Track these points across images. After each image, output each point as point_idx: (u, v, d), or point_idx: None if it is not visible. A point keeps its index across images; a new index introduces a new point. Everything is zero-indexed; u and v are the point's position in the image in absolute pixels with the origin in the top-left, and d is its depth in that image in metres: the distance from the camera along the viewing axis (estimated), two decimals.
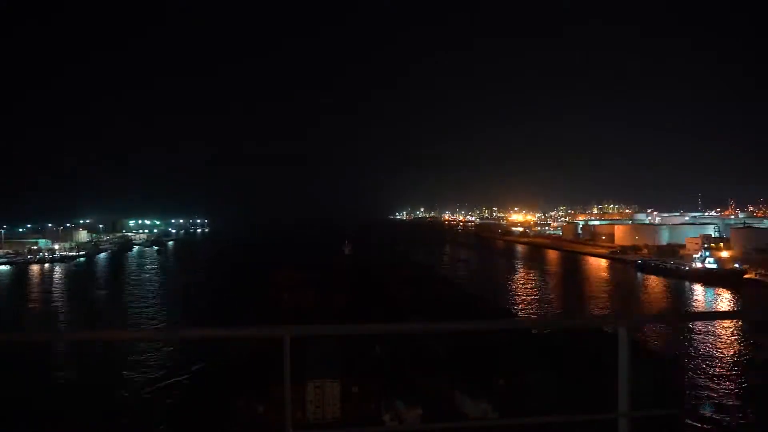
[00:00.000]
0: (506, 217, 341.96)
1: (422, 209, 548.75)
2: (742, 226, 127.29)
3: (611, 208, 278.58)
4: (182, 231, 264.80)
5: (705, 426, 17.92)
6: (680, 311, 49.23)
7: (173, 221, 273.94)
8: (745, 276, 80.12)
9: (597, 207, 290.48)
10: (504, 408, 12.31)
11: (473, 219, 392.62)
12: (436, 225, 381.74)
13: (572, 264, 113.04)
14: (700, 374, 28.68)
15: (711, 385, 26.70)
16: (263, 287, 57.00)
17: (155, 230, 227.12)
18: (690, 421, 17.42)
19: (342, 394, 14.06)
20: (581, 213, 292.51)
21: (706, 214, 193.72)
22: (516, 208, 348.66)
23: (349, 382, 14.34)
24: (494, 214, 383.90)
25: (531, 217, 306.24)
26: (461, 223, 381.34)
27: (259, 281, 63.99)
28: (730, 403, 23.72)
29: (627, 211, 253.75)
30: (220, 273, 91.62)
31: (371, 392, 14.20)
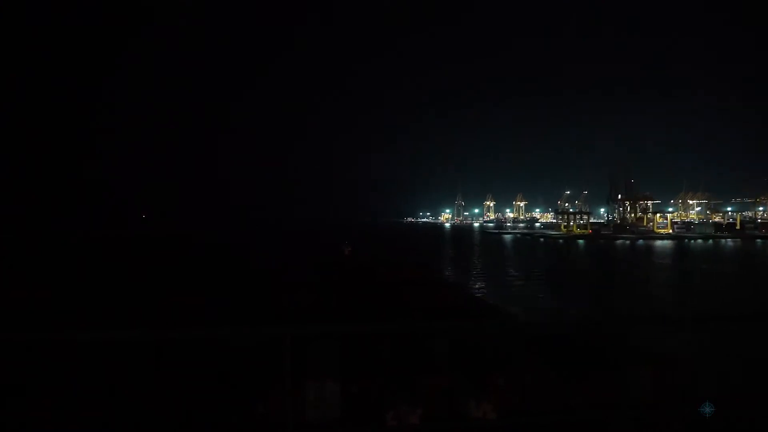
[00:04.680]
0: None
1: (543, 203, 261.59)
2: None
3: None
4: None
5: (705, 426, 17.96)
6: (685, 312, 49.13)
7: None
8: None
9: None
10: (504, 408, 12.37)
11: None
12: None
13: None
14: (702, 374, 28.73)
15: (713, 384, 26.70)
16: (262, 287, 56.64)
17: None
18: (690, 422, 17.45)
19: (342, 394, 14.09)
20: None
21: None
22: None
23: (349, 382, 14.36)
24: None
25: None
26: None
27: (258, 281, 63.46)
28: (733, 403, 23.69)
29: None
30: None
31: (371, 392, 14.26)
